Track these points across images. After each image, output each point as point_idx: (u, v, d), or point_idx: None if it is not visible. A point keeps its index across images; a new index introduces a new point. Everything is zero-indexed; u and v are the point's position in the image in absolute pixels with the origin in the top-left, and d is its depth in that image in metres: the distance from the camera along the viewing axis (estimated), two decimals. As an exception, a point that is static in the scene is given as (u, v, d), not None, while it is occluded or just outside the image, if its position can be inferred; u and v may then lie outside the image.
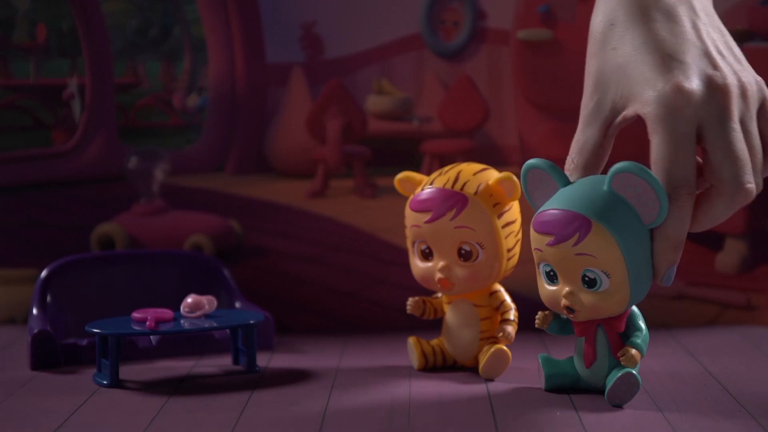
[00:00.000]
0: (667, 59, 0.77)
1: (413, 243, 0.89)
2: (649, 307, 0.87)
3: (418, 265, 0.89)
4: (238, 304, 1.00)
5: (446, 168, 0.88)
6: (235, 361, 0.93)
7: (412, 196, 0.88)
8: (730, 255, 1.07)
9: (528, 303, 0.93)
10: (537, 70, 1.06)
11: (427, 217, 0.87)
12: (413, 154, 1.08)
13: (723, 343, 1.00)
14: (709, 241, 1.07)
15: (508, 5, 1.06)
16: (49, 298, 0.98)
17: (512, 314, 0.89)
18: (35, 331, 0.92)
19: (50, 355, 0.92)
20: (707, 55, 0.77)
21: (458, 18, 1.07)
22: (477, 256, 0.86)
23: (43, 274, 0.98)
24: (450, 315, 0.90)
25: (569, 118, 1.05)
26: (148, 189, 1.08)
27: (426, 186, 0.88)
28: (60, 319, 0.97)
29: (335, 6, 0.92)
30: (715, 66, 0.77)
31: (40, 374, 0.90)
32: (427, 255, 0.88)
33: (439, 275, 0.87)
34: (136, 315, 0.88)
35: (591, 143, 0.80)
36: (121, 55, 1.09)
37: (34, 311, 0.96)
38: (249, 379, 0.88)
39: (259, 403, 0.81)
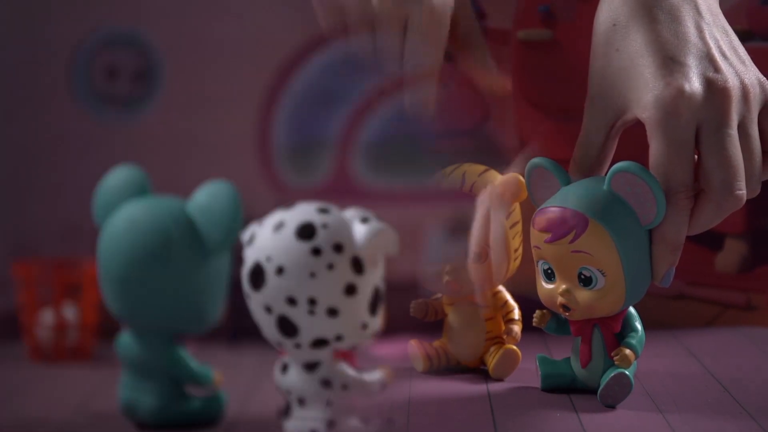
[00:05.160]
0: (668, 62, 0.76)
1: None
2: (648, 307, 0.87)
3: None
4: (238, 305, 1.00)
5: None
6: (235, 362, 0.93)
7: None
8: (730, 255, 1.07)
9: (528, 304, 0.92)
10: (537, 70, 1.06)
11: None
12: (413, 154, 1.08)
13: (723, 343, 1.00)
14: (709, 241, 1.06)
15: (508, 5, 1.06)
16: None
17: (516, 313, 0.88)
18: (35, 331, 0.92)
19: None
20: (709, 57, 0.77)
21: (458, 18, 1.07)
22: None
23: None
24: (453, 317, 0.90)
25: (569, 118, 1.06)
26: (148, 189, 1.08)
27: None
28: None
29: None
30: (716, 69, 0.76)
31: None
32: None
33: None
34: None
35: (594, 145, 0.80)
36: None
37: (35, 311, 0.96)
38: (249, 379, 0.88)
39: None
